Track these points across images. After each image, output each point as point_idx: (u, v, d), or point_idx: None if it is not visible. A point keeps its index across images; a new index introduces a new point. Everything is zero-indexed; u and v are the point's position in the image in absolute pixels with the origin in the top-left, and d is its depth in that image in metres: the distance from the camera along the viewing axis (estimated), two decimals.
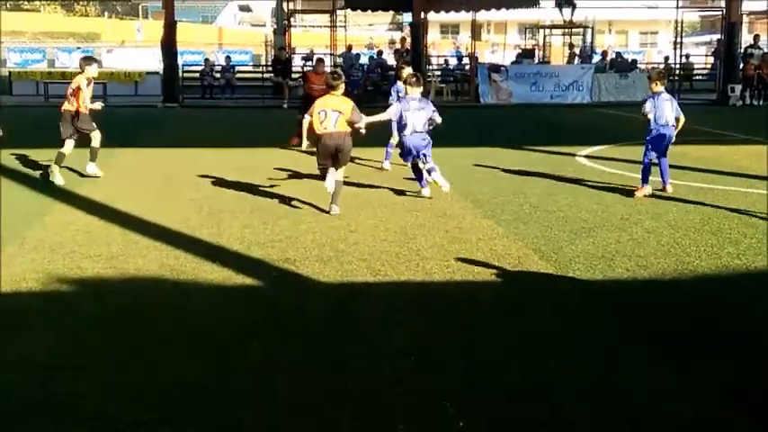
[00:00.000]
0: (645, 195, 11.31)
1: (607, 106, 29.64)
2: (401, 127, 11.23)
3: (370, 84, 31.57)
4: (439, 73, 37.23)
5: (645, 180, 11.49)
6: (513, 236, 9.20)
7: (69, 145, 12.61)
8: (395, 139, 13.02)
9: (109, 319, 6.48)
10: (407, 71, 12.77)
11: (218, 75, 34.09)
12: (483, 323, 6.48)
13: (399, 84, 13.55)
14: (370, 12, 38.74)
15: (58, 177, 12.35)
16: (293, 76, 29.32)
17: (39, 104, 27.86)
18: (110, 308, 6.80)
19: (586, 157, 15.80)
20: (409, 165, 11.48)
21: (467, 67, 35.13)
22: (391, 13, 44.70)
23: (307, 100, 17.13)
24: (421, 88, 11.36)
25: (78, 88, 12.40)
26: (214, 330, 6.26)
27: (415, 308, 6.88)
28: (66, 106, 12.63)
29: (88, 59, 13.17)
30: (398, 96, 13.20)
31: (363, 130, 10.39)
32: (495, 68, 32.60)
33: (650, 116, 11.39)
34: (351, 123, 10.20)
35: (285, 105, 27.73)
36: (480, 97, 31.10)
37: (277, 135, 18.65)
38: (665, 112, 11.39)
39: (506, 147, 16.91)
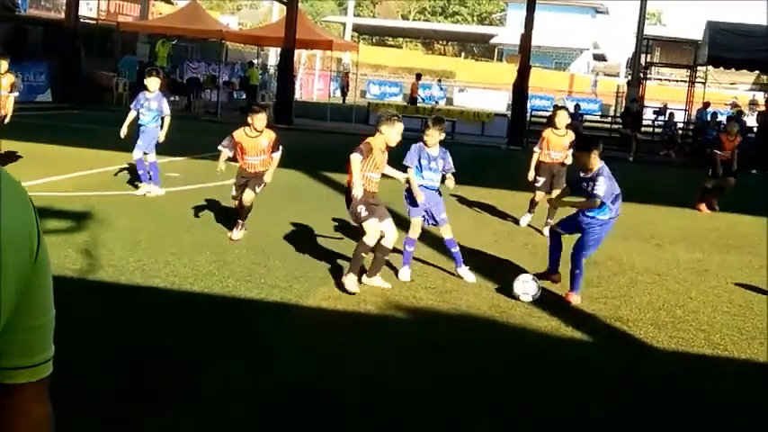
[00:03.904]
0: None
1: None
2: None
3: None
4: None
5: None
6: None
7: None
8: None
9: (438, 350, 6.64)
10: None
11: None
12: None
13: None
14: (733, 70, 36.83)
15: None
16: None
17: None
18: (439, 338, 6.97)
19: None
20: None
21: None
22: (756, 72, 42.19)
23: (715, 165, 16.14)
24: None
25: None
26: (539, 378, 6.18)
27: (752, 391, 6.33)
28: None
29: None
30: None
31: None
32: None
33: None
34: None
35: (631, 159, 27.05)
36: None
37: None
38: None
39: None
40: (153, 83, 12.72)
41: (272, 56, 44.79)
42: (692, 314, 8.24)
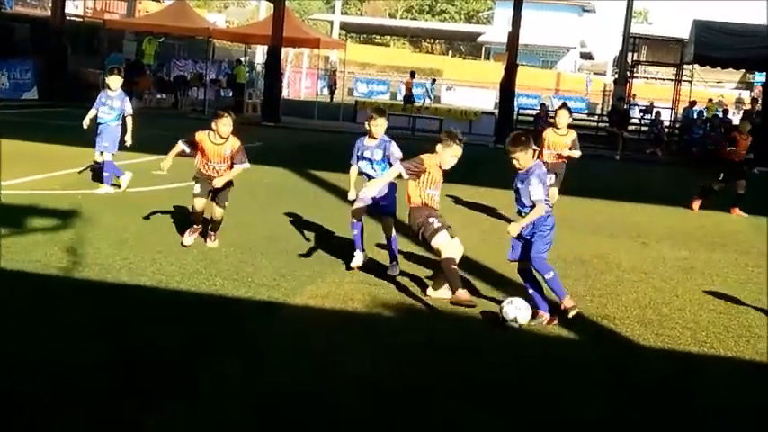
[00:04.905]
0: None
1: None
2: None
3: (711, 143, 30.14)
4: None
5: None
6: None
7: None
8: None
9: (427, 348, 6.64)
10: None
11: (551, 120, 34.11)
12: None
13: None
14: (719, 68, 36.99)
15: None
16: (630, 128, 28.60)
17: None
18: (428, 337, 6.96)
19: None
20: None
21: None
22: (741, 71, 42.39)
23: (727, 167, 15.41)
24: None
25: None
26: (531, 378, 6.20)
27: (741, 390, 6.35)
28: None
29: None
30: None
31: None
32: None
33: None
34: None
35: (617, 157, 27.14)
36: None
37: (608, 186, 18.28)
38: None
39: None
40: (114, 81, 12.45)
41: (260, 54, 44.70)
42: (679, 312, 8.27)
